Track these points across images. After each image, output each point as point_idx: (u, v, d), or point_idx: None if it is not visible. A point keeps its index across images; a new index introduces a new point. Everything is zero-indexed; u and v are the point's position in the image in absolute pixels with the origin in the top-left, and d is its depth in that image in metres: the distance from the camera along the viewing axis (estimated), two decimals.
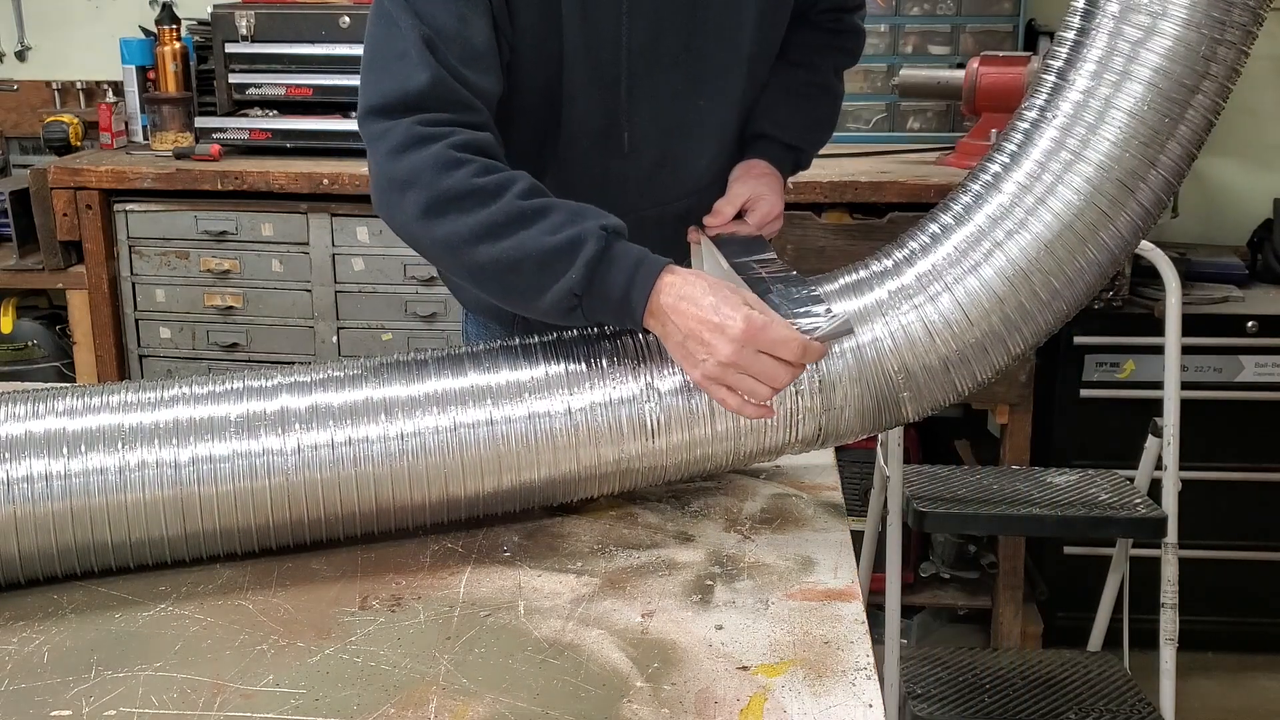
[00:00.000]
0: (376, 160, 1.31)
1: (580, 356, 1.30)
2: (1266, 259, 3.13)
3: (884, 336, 1.29)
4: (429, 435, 1.25)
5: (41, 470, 1.20)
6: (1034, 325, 1.30)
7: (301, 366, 1.32)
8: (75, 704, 1.05)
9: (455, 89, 1.30)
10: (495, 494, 1.29)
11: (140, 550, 1.24)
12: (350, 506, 1.26)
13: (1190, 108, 1.24)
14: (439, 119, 1.29)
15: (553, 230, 1.25)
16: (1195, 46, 1.21)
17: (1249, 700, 2.96)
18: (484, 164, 1.28)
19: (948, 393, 1.32)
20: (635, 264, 1.25)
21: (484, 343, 1.35)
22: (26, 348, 3.40)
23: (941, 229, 1.32)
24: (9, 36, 3.71)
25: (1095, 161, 1.25)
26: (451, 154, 1.27)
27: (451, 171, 1.26)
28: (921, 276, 1.30)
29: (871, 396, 1.30)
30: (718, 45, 1.46)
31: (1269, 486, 2.99)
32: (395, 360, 1.31)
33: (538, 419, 1.27)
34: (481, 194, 1.26)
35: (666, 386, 1.28)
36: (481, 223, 1.25)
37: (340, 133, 3.12)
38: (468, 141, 1.29)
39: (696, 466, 1.34)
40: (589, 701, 1.05)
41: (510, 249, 1.25)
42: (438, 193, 1.26)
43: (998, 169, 1.31)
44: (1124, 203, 1.26)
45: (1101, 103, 1.25)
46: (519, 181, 1.28)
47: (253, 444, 1.23)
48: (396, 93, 1.29)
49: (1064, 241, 1.27)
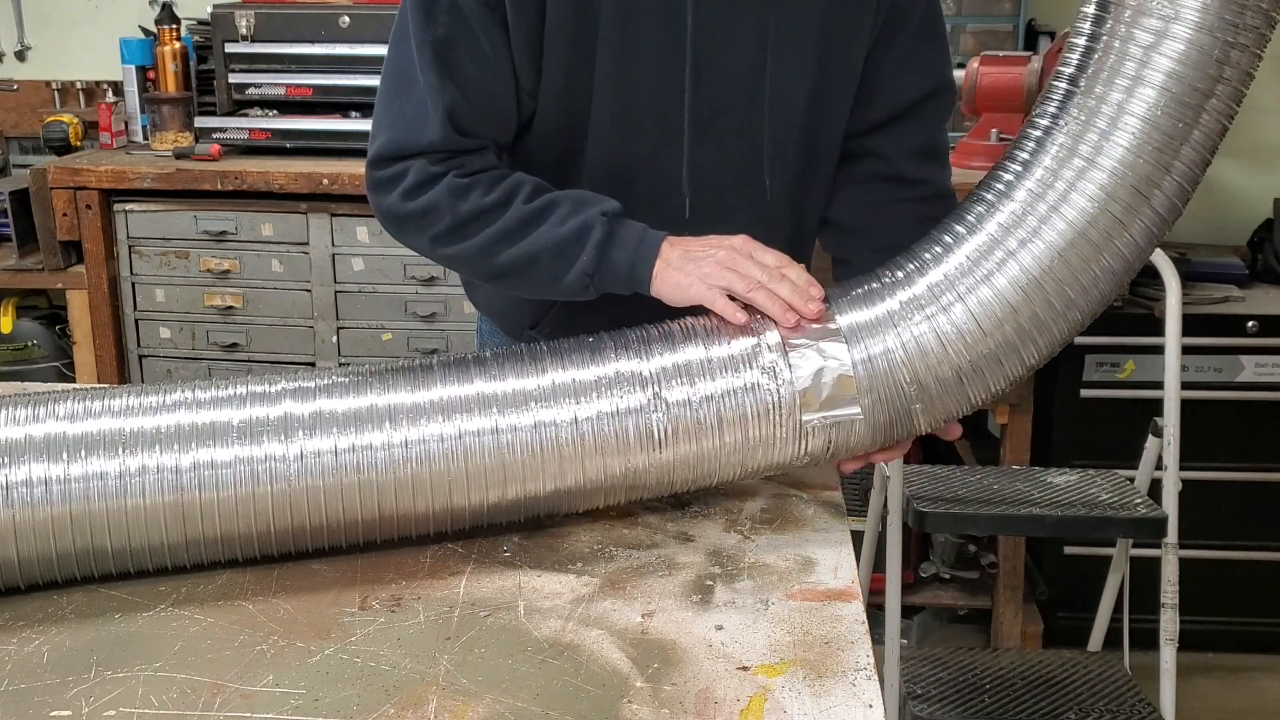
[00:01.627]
0: (390, 200, 1.40)
1: (587, 363, 1.28)
2: (1267, 259, 3.13)
3: (895, 348, 1.26)
4: (433, 443, 1.24)
5: (41, 475, 1.19)
6: (1049, 335, 1.28)
7: (305, 372, 1.31)
8: (75, 704, 1.05)
9: (466, 143, 1.38)
10: (499, 505, 1.28)
11: (141, 556, 1.23)
12: (353, 514, 1.25)
13: (1204, 112, 1.22)
14: (446, 156, 1.38)
15: (561, 221, 1.35)
16: (1208, 50, 1.20)
17: (1249, 700, 2.96)
18: (488, 179, 1.38)
19: (961, 404, 1.30)
20: (638, 241, 1.34)
21: (493, 346, 1.40)
22: (26, 348, 3.41)
23: (953, 238, 1.30)
24: (9, 36, 3.72)
25: (1109, 168, 1.24)
26: (459, 181, 1.37)
27: (464, 197, 1.36)
28: (933, 286, 1.27)
29: (883, 409, 1.28)
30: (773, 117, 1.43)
31: (1269, 486, 2.99)
32: (400, 366, 1.30)
33: (544, 428, 1.25)
34: (493, 209, 1.36)
35: (674, 397, 1.26)
36: (498, 231, 1.36)
37: (340, 133, 3.12)
38: (476, 169, 1.38)
39: (704, 480, 1.32)
40: (589, 701, 1.05)
41: (527, 247, 1.36)
42: (455, 219, 1.37)
43: (1010, 177, 1.29)
44: (1138, 209, 1.24)
45: (1114, 109, 1.23)
46: (523, 186, 1.37)
47: (255, 450, 1.22)
48: (408, 145, 1.38)
49: (1078, 249, 1.25)
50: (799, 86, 1.43)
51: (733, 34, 1.40)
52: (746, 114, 1.43)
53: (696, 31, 1.38)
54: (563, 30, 1.36)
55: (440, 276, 3.02)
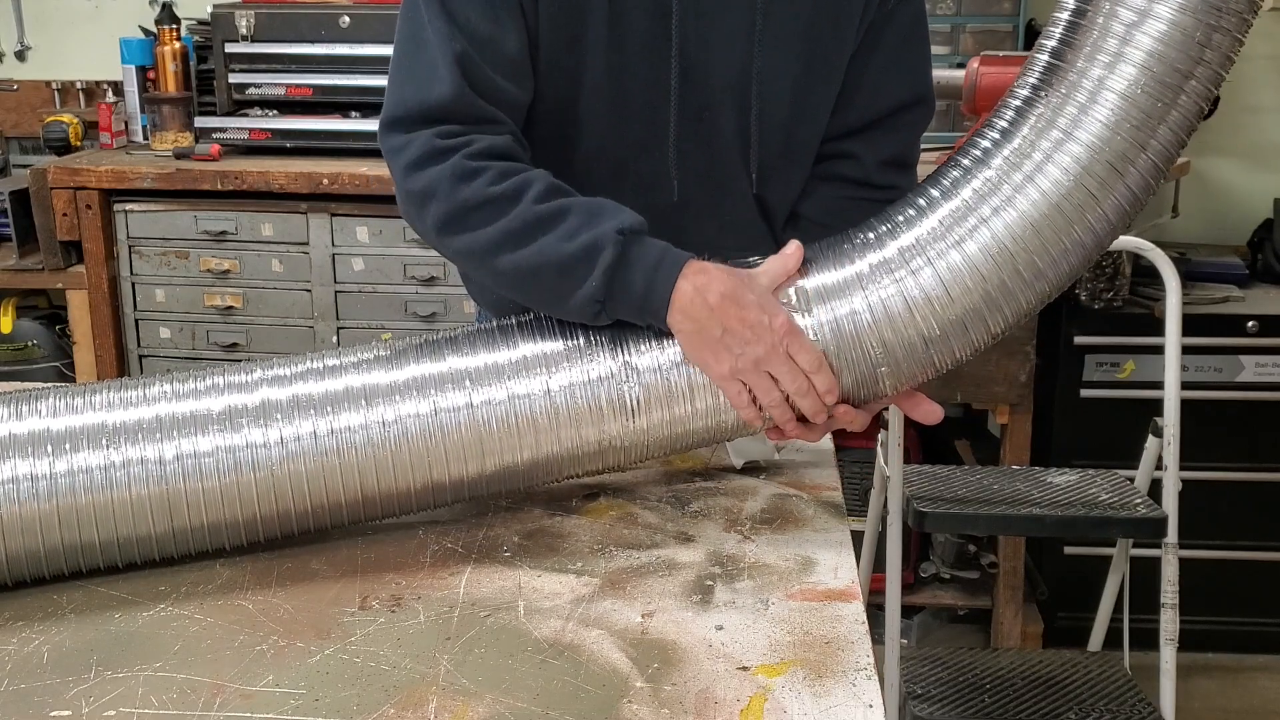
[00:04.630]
0: (395, 174, 1.34)
1: (557, 335, 1.29)
2: (1267, 259, 3.13)
3: (863, 310, 1.27)
4: (410, 421, 1.26)
5: (26, 471, 1.20)
6: (1015, 304, 1.28)
7: (281, 358, 1.32)
8: (75, 704, 1.05)
9: (478, 104, 1.31)
10: (479, 478, 1.29)
11: (129, 548, 1.24)
12: (335, 496, 1.26)
13: (1183, 93, 1.23)
14: (457, 130, 1.30)
15: (570, 235, 1.26)
16: (1190, 32, 1.20)
17: (1249, 700, 2.96)
18: (500, 169, 1.29)
19: (926, 369, 1.30)
20: (654, 266, 1.26)
21: (464, 327, 1.35)
22: (26, 348, 3.41)
23: (927, 202, 1.30)
24: (9, 36, 3.72)
25: (1085, 142, 1.24)
26: (467, 164, 1.28)
27: (469, 182, 1.28)
28: (904, 250, 1.28)
29: (849, 371, 1.28)
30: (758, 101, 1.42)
31: (1269, 486, 2.99)
32: (373, 349, 1.31)
33: (517, 401, 1.27)
34: (499, 201, 1.28)
35: (644, 364, 1.28)
36: (500, 231, 1.28)
37: (340, 133, 3.12)
38: (485, 149, 1.30)
39: (680, 444, 1.33)
40: (589, 701, 1.05)
41: (530, 256, 1.27)
42: (456, 204, 1.28)
43: (987, 144, 1.30)
44: (1112, 185, 1.25)
45: (1094, 83, 1.24)
46: (535, 183, 1.29)
47: (235, 438, 1.23)
48: (416, 104, 1.31)
49: (1051, 221, 1.25)
50: (784, 79, 1.43)
51: (720, 23, 1.39)
52: (733, 105, 1.43)
53: (683, 22, 1.37)
54: (553, 23, 1.36)
55: (440, 277, 3.02)
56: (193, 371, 1.30)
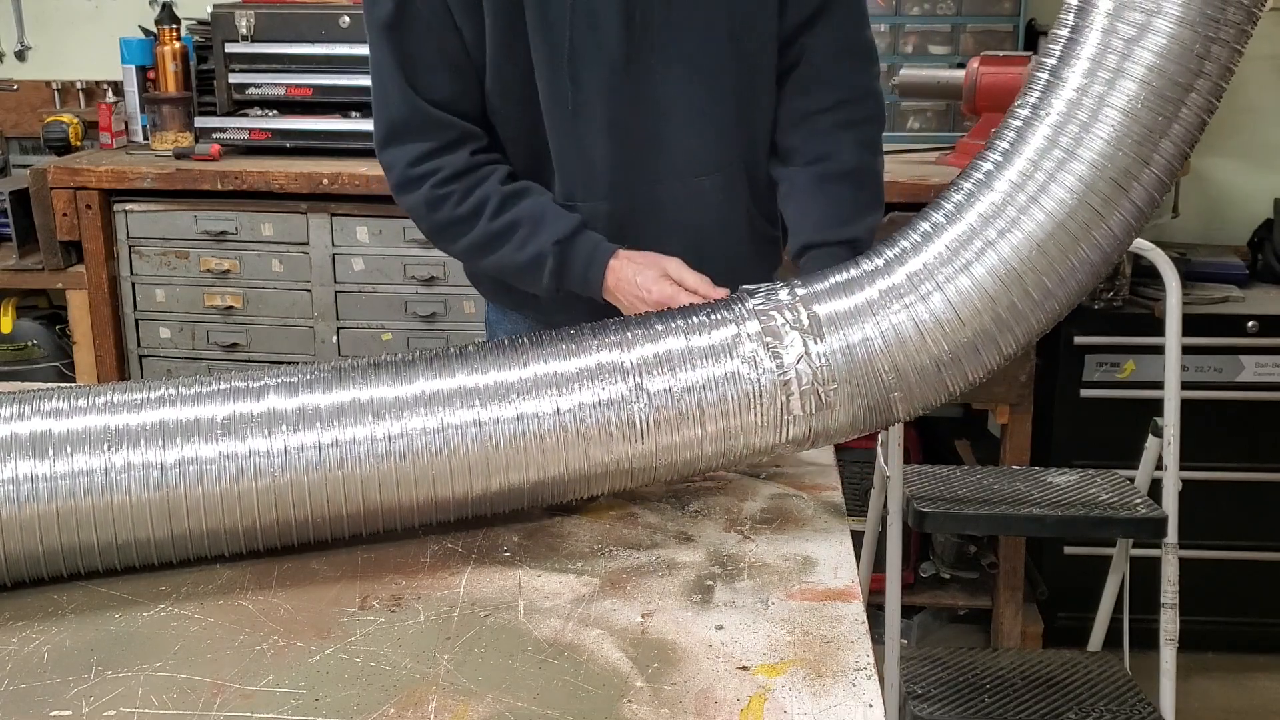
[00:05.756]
0: (391, 189, 1.60)
1: (568, 356, 1.29)
2: (1267, 259, 3.13)
3: (874, 336, 1.28)
4: (416, 437, 1.25)
5: (27, 472, 1.19)
6: (1026, 325, 1.29)
7: (289, 367, 1.31)
8: (75, 704, 1.05)
9: (430, 114, 1.53)
10: (484, 496, 1.29)
11: (127, 552, 1.23)
12: (337, 508, 1.25)
13: (1184, 106, 1.23)
14: (423, 153, 1.54)
15: (520, 247, 1.55)
16: (1189, 45, 1.20)
17: (1249, 700, 2.96)
18: (461, 190, 1.55)
19: (939, 393, 1.31)
20: (586, 264, 1.54)
21: (502, 333, 1.60)
22: (26, 348, 3.40)
23: (933, 227, 1.30)
24: (9, 36, 3.72)
25: (1088, 160, 1.24)
26: (434, 193, 1.55)
27: (438, 209, 1.56)
28: (913, 275, 1.29)
29: (862, 397, 1.29)
30: (672, 11, 1.51)
31: (1269, 486, 2.99)
32: (383, 361, 1.31)
33: (526, 420, 1.26)
34: (462, 222, 1.56)
35: (656, 387, 1.27)
36: (470, 243, 1.58)
37: (340, 132, 3.12)
38: (449, 175, 1.55)
39: (686, 468, 1.33)
40: (589, 701, 1.05)
41: (495, 262, 1.58)
42: (433, 226, 1.60)
43: (990, 167, 1.30)
44: (1117, 201, 1.25)
45: (1095, 101, 1.24)
46: (490, 200, 1.54)
47: (239, 445, 1.22)
48: (385, 126, 1.56)
49: (1057, 240, 1.26)
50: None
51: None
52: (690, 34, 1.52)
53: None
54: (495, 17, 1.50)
55: (440, 276, 3.02)
56: (197, 376, 1.30)
